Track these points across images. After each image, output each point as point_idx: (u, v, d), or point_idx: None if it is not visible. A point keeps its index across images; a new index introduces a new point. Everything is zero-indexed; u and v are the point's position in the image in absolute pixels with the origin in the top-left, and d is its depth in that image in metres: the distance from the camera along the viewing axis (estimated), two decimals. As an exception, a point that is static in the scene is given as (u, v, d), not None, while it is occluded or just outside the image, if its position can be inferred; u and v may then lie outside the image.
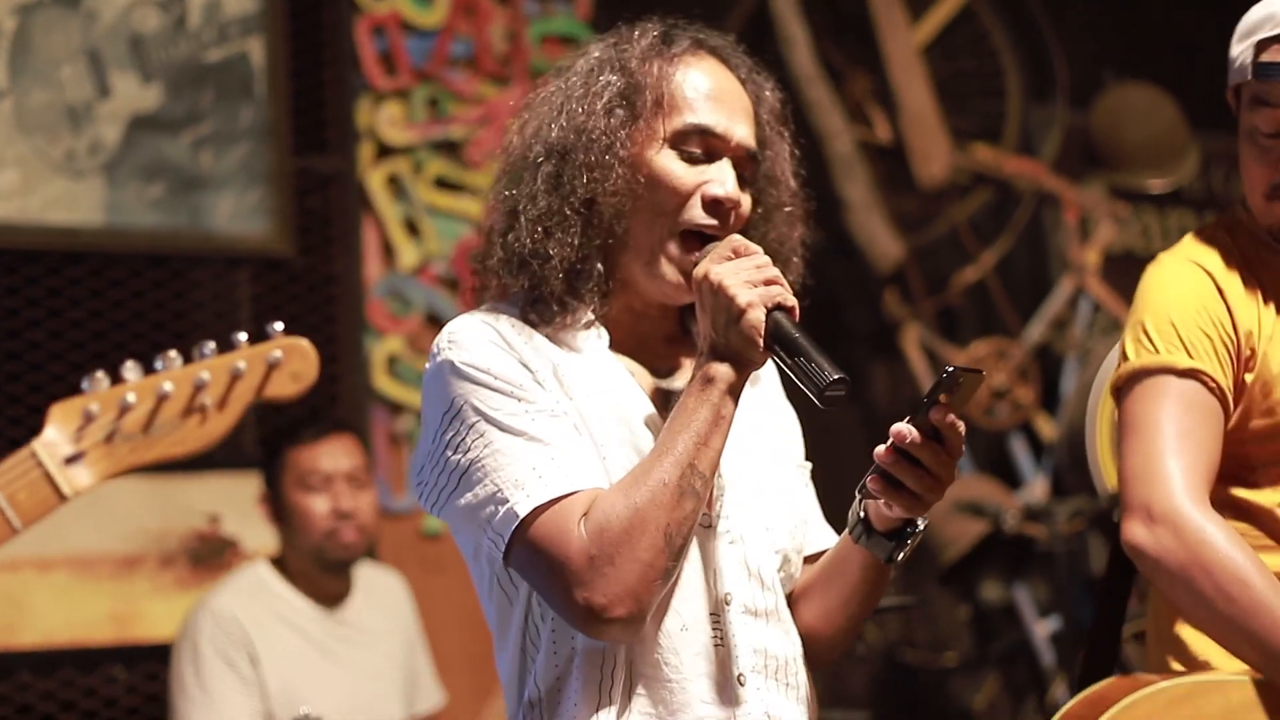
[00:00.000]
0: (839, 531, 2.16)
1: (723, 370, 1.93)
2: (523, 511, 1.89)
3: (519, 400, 1.94)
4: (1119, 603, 2.55)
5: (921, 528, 2.02)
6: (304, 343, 1.51)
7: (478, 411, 1.94)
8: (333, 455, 3.94)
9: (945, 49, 5.78)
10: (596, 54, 2.09)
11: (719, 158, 2.03)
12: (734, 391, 1.94)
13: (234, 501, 4.39)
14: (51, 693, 4.14)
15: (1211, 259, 2.48)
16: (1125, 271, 5.82)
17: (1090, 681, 2.37)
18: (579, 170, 2.00)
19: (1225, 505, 2.44)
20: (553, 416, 1.95)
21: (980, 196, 5.74)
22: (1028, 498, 5.35)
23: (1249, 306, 2.46)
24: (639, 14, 2.15)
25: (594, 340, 2.04)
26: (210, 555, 4.37)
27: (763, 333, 1.91)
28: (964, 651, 5.58)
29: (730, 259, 1.95)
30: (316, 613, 3.91)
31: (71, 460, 1.43)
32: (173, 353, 1.46)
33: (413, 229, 4.77)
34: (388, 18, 4.79)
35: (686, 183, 2.01)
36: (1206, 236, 2.54)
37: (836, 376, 1.87)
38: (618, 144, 2.01)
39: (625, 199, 2.01)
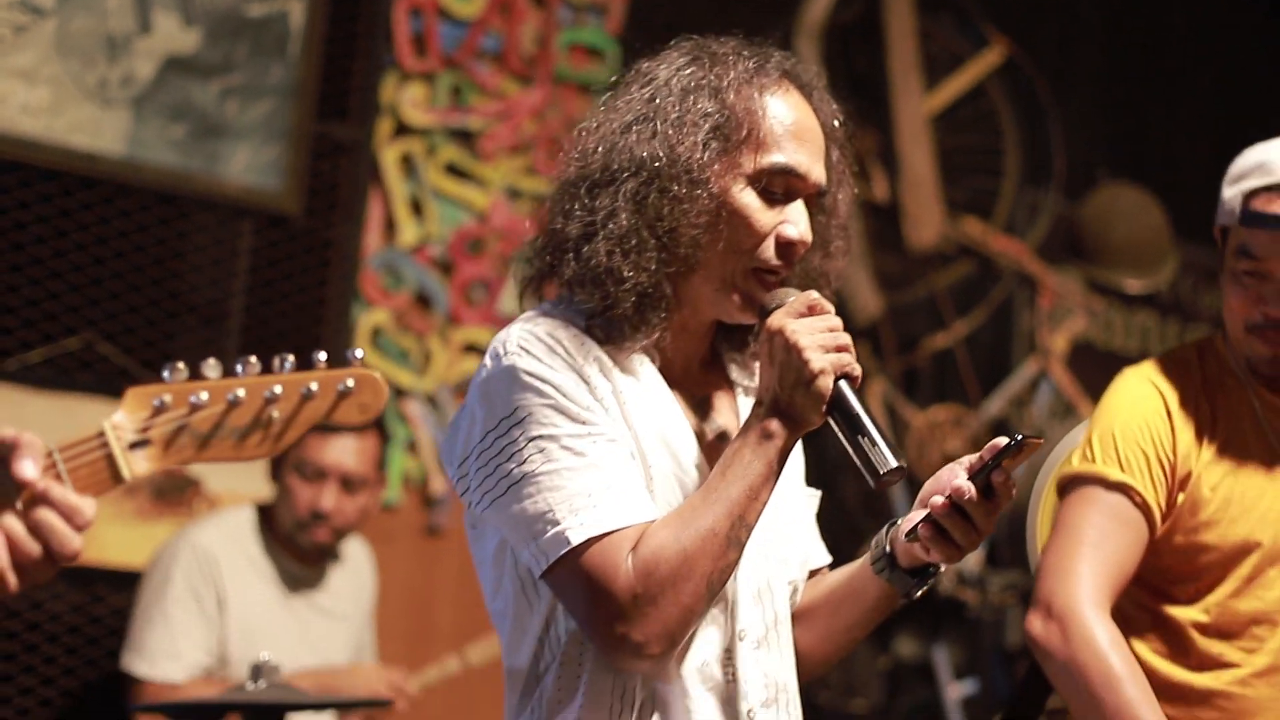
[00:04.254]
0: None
1: (782, 428, 1.93)
2: (575, 539, 1.88)
3: (582, 422, 1.93)
4: (1044, 679, 2.69)
5: (943, 569, 2.09)
6: (377, 376, 1.48)
7: (540, 425, 1.92)
8: (339, 452, 3.90)
9: (952, 121, 5.90)
10: (688, 72, 2.05)
11: (795, 197, 2.03)
12: (789, 449, 1.95)
13: (203, 443, 4.45)
14: (-2, 598, 4.20)
15: (1169, 381, 2.65)
16: (1082, 360, 5.99)
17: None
18: (668, 198, 1.98)
19: (1145, 614, 2.62)
20: (611, 441, 1.94)
21: (962, 268, 5.86)
22: (963, 563, 5.48)
23: (1193, 429, 2.62)
24: (668, 31, 2.13)
25: (647, 365, 2.04)
26: (172, 491, 4.43)
27: (828, 400, 1.93)
28: (874, 701, 5.69)
29: (805, 315, 1.96)
30: (289, 568, 3.98)
31: (135, 446, 1.43)
32: (253, 359, 1.45)
33: (417, 209, 4.86)
34: (427, 1, 4.90)
35: (765, 224, 2.01)
36: (1174, 358, 2.71)
37: (896, 465, 1.90)
38: (711, 178, 1.99)
39: (705, 233, 2.00)
